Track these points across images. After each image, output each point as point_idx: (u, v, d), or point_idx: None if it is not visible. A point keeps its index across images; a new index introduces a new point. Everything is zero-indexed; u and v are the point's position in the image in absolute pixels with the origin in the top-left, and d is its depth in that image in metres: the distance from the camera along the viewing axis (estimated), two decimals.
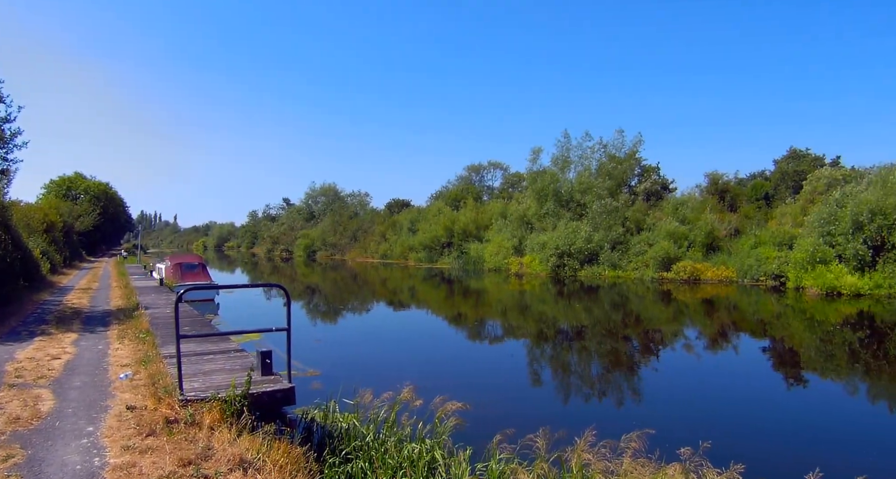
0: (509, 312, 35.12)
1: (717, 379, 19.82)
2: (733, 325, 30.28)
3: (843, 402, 17.48)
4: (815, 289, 38.91)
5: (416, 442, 9.90)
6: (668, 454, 8.86)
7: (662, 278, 50.01)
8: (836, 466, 11.22)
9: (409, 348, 24.25)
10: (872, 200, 39.40)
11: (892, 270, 37.78)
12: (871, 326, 29.41)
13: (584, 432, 9.18)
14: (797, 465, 9.86)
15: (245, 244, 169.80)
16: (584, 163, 66.03)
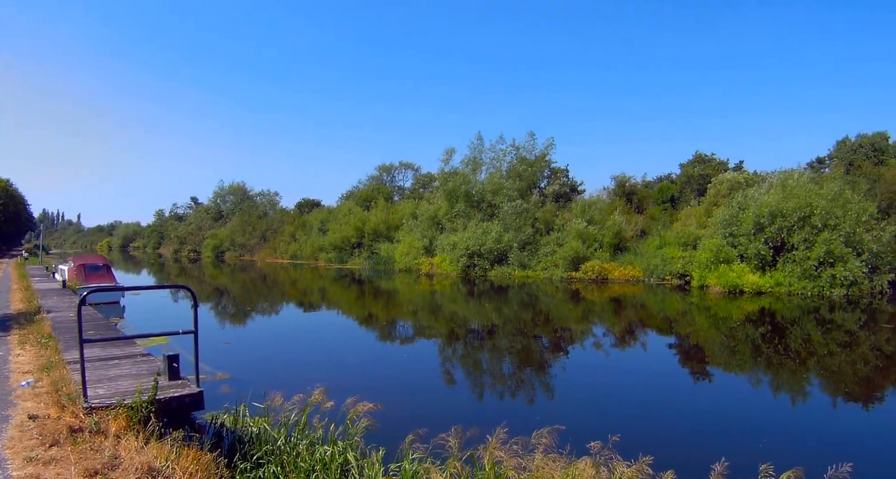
0: (420, 312, 34.97)
1: (625, 375, 20.10)
2: (640, 322, 30.81)
3: (746, 394, 17.97)
4: (719, 287, 39.96)
5: (328, 445, 9.78)
6: (579, 448, 8.94)
7: (571, 277, 50.62)
8: (742, 455, 11.51)
9: (321, 350, 23.86)
10: (773, 203, 40.74)
11: (791, 269, 39.10)
12: (772, 322, 30.35)
13: (495, 430, 9.20)
14: (704, 455, 9.99)
15: (151, 245, 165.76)
16: (495, 165, 66.51)
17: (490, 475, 8.50)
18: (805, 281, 38.74)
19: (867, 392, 18.35)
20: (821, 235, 38.60)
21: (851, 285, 38.20)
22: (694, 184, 65.28)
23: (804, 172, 47.75)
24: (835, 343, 25.13)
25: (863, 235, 39.24)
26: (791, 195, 41.13)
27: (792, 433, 14.07)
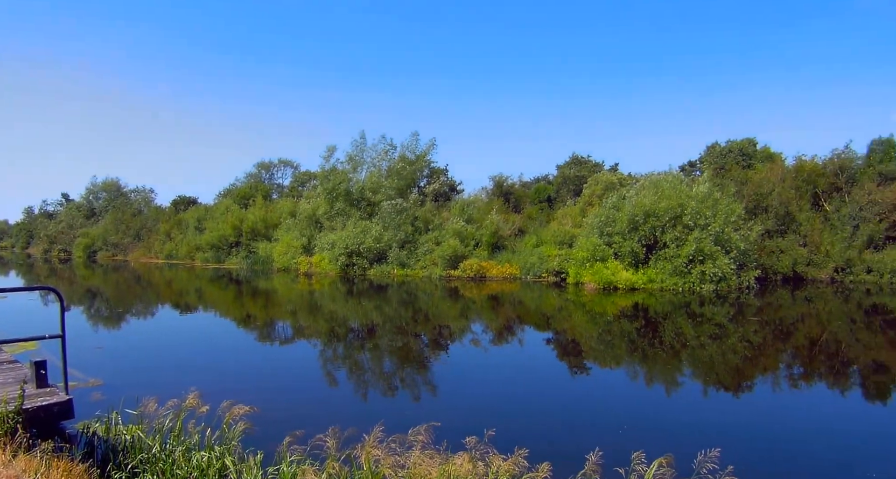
0: (299, 312, 34.04)
1: (502, 371, 20.04)
2: (518, 319, 30.93)
3: (622, 386, 18.25)
4: (593, 284, 40.56)
5: (204, 450, 9.43)
6: (455, 444, 8.86)
7: (450, 275, 50.55)
8: (616, 444, 11.66)
9: (196, 353, 22.76)
10: (647, 203, 41.57)
11: (663, 266, 40.10)
12: (646, 316, 31.06)
13: (372, 428, 9.00)
14: (579, 446, 10.04)
15: (20, 244, 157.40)
16: (376, 163, 65.75)
17: (367, 474, 8.34)
18: (676, 277, 39.81)
19: (737, 381, 18.99)
20: (691, 234, 39.71)
21: (720, 280, 39.53)
22: (570, 185, 66.35)
23: (676, 175, 49.11)
24: (705, 336, 25.92)
25: (731, 234, 40.71)
26: (664, 196, 42.16)
27: (665, 422, 14.33)
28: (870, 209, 46.82)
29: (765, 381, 19.28)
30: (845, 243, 45.87)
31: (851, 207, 47.73)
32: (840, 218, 47.64)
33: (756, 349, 23.42)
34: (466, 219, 55.73)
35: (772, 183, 48.55)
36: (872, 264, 45.21)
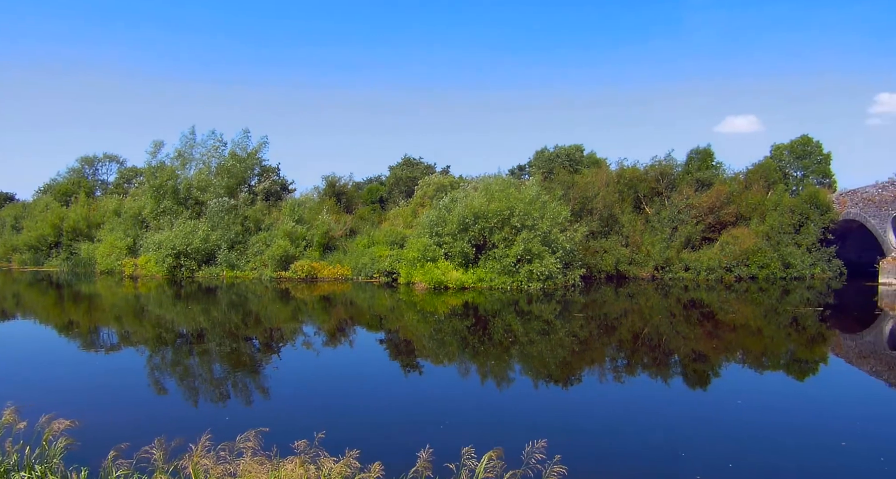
0: (125, 317, 32.39)
1: (334, 372, 19.92)
2: (350, 320, 30.77)
3: (454, 382, 18.50)
4: (424, 284, 40.73)
5: (24, 471, 8.73)
6: (286, 448, 8.58)
7: (281, 276, 49.51)
8: (447, 440, 11.76)
9: (12, 364, 20.98)
10: (477, 205, 42.17)
11: (492, 265, 40.87)
12: (476, 314, 31.62)
13: (200, 437, 8.49)
14: (411, 443, 9.93)
15: None
16: (205, 160, 63.39)
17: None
18: (505, 276, 40.61)
19: (565, 374, 19.65)
20: (520, 235, 40.60)
21: (547, 279, 40.65)
22: (402, 186, 66.66)
23: (506, 178, 50.24)
24: (534, 332, 26.66)
25: (558, 234, 42.00)
26: (493, 198, 42.96)
27: (496, 416, 14.58)
28: (687, 213, 49.76)
29: (592, 373, 20.05)
30: (665, 243, 48.48)
31: (671, 210, 50.56)
32: (660, 220, 50.31)
33: (583, 344, 24.32)
34: (297, 219, 54.80)
35: (597, 187, 50.46)
36: (690, 263, 48.07)
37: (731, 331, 28.52)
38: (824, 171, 67.46)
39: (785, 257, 48.30)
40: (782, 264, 48.20)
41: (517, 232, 41.05)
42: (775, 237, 49.03)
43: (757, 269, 47.76)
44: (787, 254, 48.38)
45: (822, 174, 67.17)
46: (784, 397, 17.35)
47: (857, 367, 22.08)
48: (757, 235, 48.75)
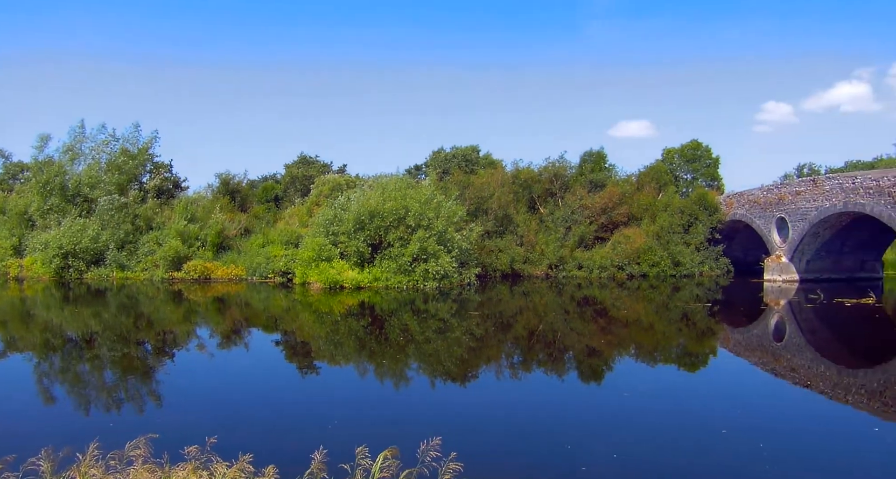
0: (10, 322, 31.01)
1: (228, 375, 19.70)
2: (245, 321, 30.48)
3: (351, 383, 18.55)
4: (319, 284, 40.50)
5: None
6: (177, 455, 8.49)
7: (173, 277, 48.37)
8: (343, 441, 11.47)
9: None
10: (372, 204, 42.18)
11: (388, 265, 41.00)
12: (373, 314, 31.81)
13: (89, 446, 8.30)
14: (306, 446, 9.84)
15: None
16: (95, 156, 61.11)
17: None
18: (401, 276, 40.76)
19: (462, 372, 19.93)
20: (416, 234, 40.69)
21: (443, 278, 40.96)
22: (298, 184, 65.98)
23: (402, 177, 50.46)
24: (431, 331, 27.01)
25: (453, 234, 42.36)
26: (389, 198, 42.98)
27: (394, 416, 14.74)
28: (581, 213, 51.11)
29: (488, 370, 20.51)
30: (559, 242, 49.58)
31: (564, 210, 51.81)
32: (554, 220, 51.43)
33: (479, 341, 24.79)
34: (190, 218, 53.64)
35: (492, 188, 51.15)
36: (583, 261, 49.29)
37: (624, 327, 29.49)
38: (713, 174, 71.21)
39: (674, 255, 50.08)
40: (672, 262, 49.96)
41: (413, 231, 41.22)
42: (665, 237, 50.73)
43: (648, 267, 49.35)
44: (677, 252, 50.17)
45: (711, 177, 70.99)
46: (673, 389, 18.17)
47: (744, 359, 23.28)
48: (648, 235, 50.42)
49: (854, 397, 17.37)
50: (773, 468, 11.28)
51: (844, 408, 16.46)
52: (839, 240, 45.40)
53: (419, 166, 70.57)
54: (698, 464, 11.71)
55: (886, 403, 16.77)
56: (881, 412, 16.07)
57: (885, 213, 36.87)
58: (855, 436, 13.85)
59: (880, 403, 16.80)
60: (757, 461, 11.60)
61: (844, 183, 40.54)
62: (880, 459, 12.28)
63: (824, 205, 41.82)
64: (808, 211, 43.46)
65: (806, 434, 13.88)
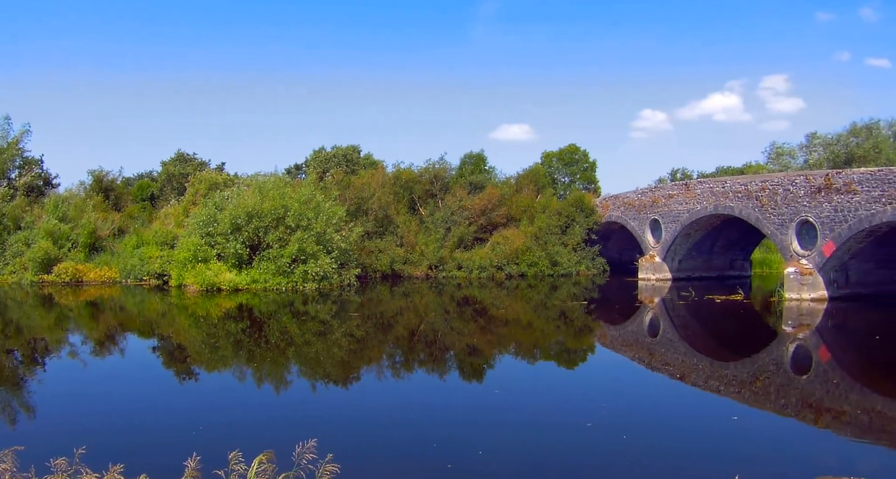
0: None
1: (101, 383, 19.45)
2: (120, 326, 30.16)
3: (228, 388, 18.71)
4: (196, 286, 39.99)
5: None
6: (43, 468, 8.31)
7: (43, 280, 46.71)
8: (219, 448, 11.34)
9: None
10: (250, 204, 41.87)
11: (266, 266, 40.74)
12: (251, 317, 31.87)
13: None
14: (178, 454, 9.88)
15: None
16: None
17: None
18: (280, 277, 40.60)
19: (343, 374, 20.57)
20: (294, 235, 40.65)
21: (323, 279, 41.04)
22: (175, 183, 64.75)
23: (282, 177, 50.54)
24: (311, 333, 27.47)
25: (333, 234, 42.42)
26: (268, 197, 42.75)
27: (272, 419, 15.11)
28: (460, 214, 52.02)
29: (369, 371, 21.19)
30: (439, 243, 50.34)
31: (444, 211, 52.60)
32: (434, 221, 52.16)
33: (360, 343, 25.42)
34: (61, 217, 51.89)
35: (373, 188, 51.50)
36: (462, 262, 50.19)
37: (504, 325, 30.69)
38: (590, 177, 74.21)
39: (552, 255, 51.66)
40: (550, 263, 51.51)
41: (292, 232, 41.22)
42: (543, 238, 52.33)
43: (526, 267, 50.78)
44: (555, 253, 51.78)
45: (588, 180, 73.94)
46: (549, 385, 19.38)
47: (620, 354, 24.85)
48: (526, 236, 51.87)
49: (726, 388, 18.99)
50: (628, 460, 12.26)
51: (715, 398, 18.07)
52: (710, 240, 48.15)
53: (299, 166, 70.36)
54: (555, 459, 12.35)
55: (756, 392, 18.42)
56: (751, 400, 17.79)
57: (753, 215, 39.46)
58: (716, 425, 15.11)
59: (750, 392, 18.44)
60: (613, 453, 12.62)
61: (715, 187, 43.04)
62: (733, 446, 13.48)
63: (695, 208, 44.23)
64: (680, 213, 45.83)
65: (669, 425, 15.08)
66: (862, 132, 65.14)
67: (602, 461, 12.48)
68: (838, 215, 33.69)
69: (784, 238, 37.04)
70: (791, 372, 21.38)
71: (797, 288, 35.51)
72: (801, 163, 68.61)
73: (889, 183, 31.25)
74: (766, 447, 13.54)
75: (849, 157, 62.98)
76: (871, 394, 18.47)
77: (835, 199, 33.88)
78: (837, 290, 35.81)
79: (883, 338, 26.55)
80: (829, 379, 20.14)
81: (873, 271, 37.18)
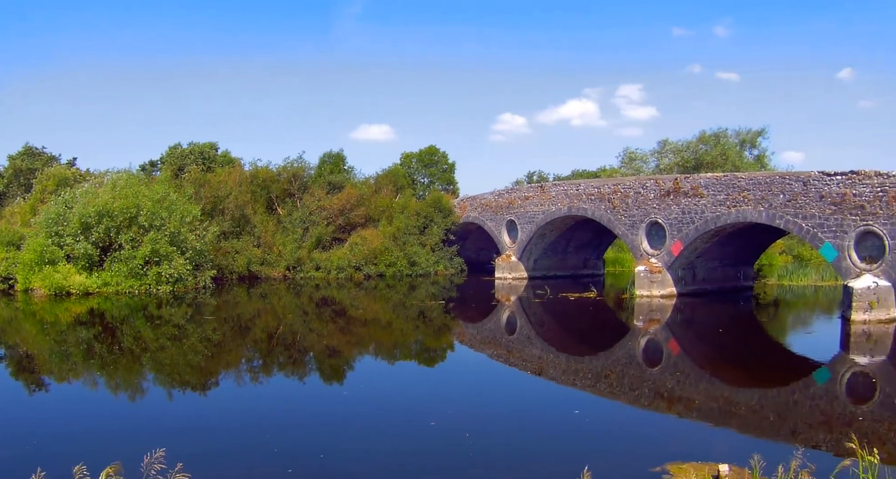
0: None
1: None
2: None
3: (78, 399, 18.51)
4: (44, 290, 38.63)
5: None
6: None
7: None
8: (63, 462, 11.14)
9: None
10: (101, 203, 40.59)
11: (118, 268, 39.70)
12: (103, 322, 31.51)
13: None
14: (19, 471, 10.10)
15: None
16: None
17: None
18: (133, 280, 39.76)
19: (200, 379, 20.80)
20: (148, 235, 39.77)
21: (177, 281, 40.50)
22: (22, 179, 62.21)
23: (135, 173, 49.56)
24: (165, 338, 27.37)
25: (187, 234, 41.89)
26: (120, 195, 41.61)
27: (121, 430, 14.99)
28: (319, 214, 52.36)
29: (227, 376, 21.48)
30: (296, 243, 50.38)
31: (303, 211, 52.81)
32: (292, 221, 52.19)
33: (217, 347, 25.62)
34: None
35: (230, 186, 51.12)
36: (321, 262, 50.44)
37: (363, 326, 31.42)
38: (449, 178, 76.57)
39: (411, 255, 52.71)
40: (408, 263, 52.53)
41: (145, 232, 40.30)
42: (402, 238, 53.27)
43: (385, 267, 51.54)
44: (413, 253, 52.84)
45: (447, 182, 76.29)
46: (405, 385, 20.21)
47: (479, 352, 25.96)
48: (385, 236, 52.70)
49: (581, 382, 20.36)
50: (465, 459, 12.82)
51: (571, 392, 19.49)
52: (564, 240, 50.61)
53: (154, 162, 68.68)
54: (390, 461, 12.82)
55: (611, 384, 19.84)
56: (606, 393, 19.27)
57: (605, 216, 41.81)
58: (569, 418, 16.03)
59: (605, 385, 19.87)
60: (451, 453, 13.22)
61: (569, 189, 45.20)
62: (586, 439, 14.53)
63: (550, 209, 46.30)
64: (535, 214, 47.79)
65: (521, 421, 15.96)
66: (710, 140, 69.27)
67: (437, 464, 12.87)
68: (686, 217, 36.39)
69: (635, 238, 39.52)
70: (643, 365, 23.23)
71: (647, 285, 38.06)
72: (653, 167, 72.29)
73: (733, 187, 34.04)
74: (619, 437, 14.81)
75: (698, 162, 66.92)
76: (718, 383, 20.52)
77: (683, 202, 36.52)
78: (685, 286, 38.77)
79: (726, 331, 29.87)
80: (678, 370, 22.15)
81: (718, 269, 40.60)
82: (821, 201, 30.39)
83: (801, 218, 31.11)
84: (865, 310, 27.95)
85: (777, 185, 32.23)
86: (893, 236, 27.82)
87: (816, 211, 30.49)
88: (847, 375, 21.73)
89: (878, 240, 28.44)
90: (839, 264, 29.95)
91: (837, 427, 15.10)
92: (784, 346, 28.75)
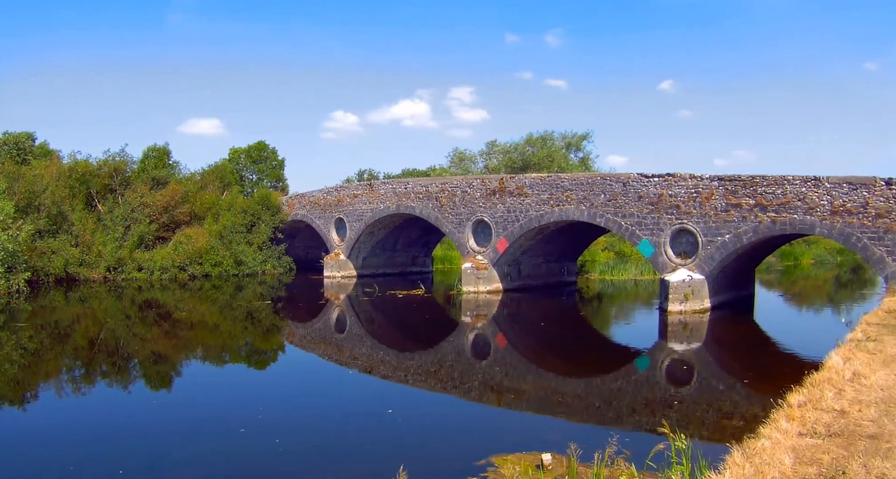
0: None
1: None
2: None
3: None
4: None
5: None
6: None
7: None
8: None
9: None
10: None
11: None
12: None
13: None
14: None
15: None
16: None
17: None
18: None
19: (14, 393, 20.06)
20: None
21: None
22: None
23: None
24: None
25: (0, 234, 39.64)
26: None
27: None
28: (142, 211, 50.78)
29: (46, 388, 20.81)
30: (118, 243, 48.71)
31: (124, 208, 51.06)
32: (113, 219, 50.34)
33: (34, 356, 24.76)
34: None
35: (46, 181, 48.90)
36: (143, 263, 48.97)
37: (190, 329, 31.29)
38: (278, 175, 76.77)
39: (237, 254, 52.30)
40: (235, 262, 52.11)
41: None
42: (228, 236, 52.76)
43: (210, 267, 50.98)
44: (240, 252, 52.45)
45: (277, 179, 76.43)
46: (226, 388, 20.49)
47: (309, 352, 26.67)
48: (211, 235, 52.12)
49: (412, 378, 21.15)
50: (272, 466, 12.91)
51: (401, 388, 20.31)
52: (393, 238, 51.98)
53: None
54: (189, 473, 12.84)
55: (441, 379, 20.77)
56: (437, 388, 20.23)
57: (433, 215, 43.31)
58: (395, 416, 16.54)
59: (435, 380, 20.79)
60: (259, 460, 13.20)
61: (398, 188, 46.33)
62: (409, 435, 15.23)
63: (379, 207, 47.38)
64: (364, 212, 48.71)
65: (342, 422, 16.34)
66: (537, 142, 72.45)
67: (246, 471, 12.85)
68: (511, 215, 38.44)
69: (461, 236, 41.23)
70: (472, 359, 24.59)
71: (474, 282, 39.85)
72: (481, 168, 74.78)
73: (556, 187, 36.31)
74: (446, 432, 15.71)
75: (525, 163, 69.82)
76: (545, 373, 22.20)
77: (508, 201, 38.47)
78: (511, 282, 41.03)
79: (548, 324, 32.19)
80: (507, 363, 23.69)
81: (542, 265, 43.14)
82: (639, 201, 33.15)
83: (621, 216, 33.82)
84: (681, 301, 30.79)
85: (598, 185, 34.73)
86: (706, 234, 30.90)
87: (635, 210, 33.26)
88: (666, 361, 24.06)
89: (692, 237, 31.50)
90: (656, 260, 32.80)
91: (659, 411, 16.77)
92: (607, 336, 31.56)
